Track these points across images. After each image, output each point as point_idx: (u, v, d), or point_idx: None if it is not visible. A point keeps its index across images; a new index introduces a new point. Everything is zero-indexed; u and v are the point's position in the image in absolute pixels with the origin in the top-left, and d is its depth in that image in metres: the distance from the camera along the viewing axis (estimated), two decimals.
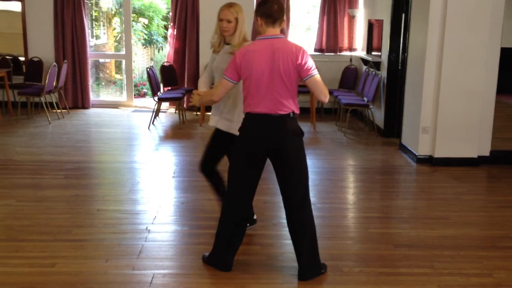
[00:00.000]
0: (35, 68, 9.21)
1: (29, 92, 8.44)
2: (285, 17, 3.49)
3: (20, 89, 8.63)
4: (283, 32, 9.31)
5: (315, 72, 3.36)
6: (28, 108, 8.74)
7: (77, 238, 4.04)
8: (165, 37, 13.13)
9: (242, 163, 3.49)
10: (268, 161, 3.55)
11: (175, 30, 9.42)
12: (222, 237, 3.63)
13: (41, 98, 8.41)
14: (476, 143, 6.34)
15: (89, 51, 9.55)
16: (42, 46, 9.33)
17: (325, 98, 3.40)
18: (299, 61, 3.32)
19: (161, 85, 9.10)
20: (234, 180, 3.54)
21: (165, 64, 9.37)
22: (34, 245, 3.94)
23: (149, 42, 13.48)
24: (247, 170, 3.49)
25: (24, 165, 6.03)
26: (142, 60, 13.25)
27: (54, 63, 8.45)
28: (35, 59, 9.25)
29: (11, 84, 8.98)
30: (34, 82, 9.11)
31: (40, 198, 4.96)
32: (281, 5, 3.43)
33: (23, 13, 9.27)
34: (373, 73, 8.30)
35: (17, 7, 9.32)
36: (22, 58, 9.43)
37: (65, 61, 8.97)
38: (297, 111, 3.44)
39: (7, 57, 9.29)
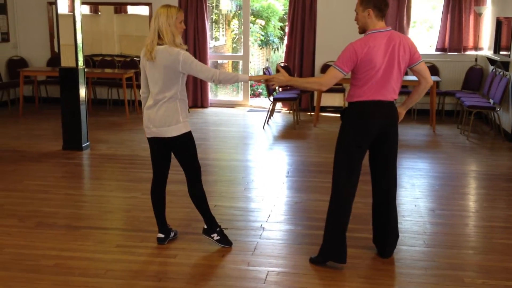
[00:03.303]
0: None
1: None
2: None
3: None
4: (403, 30, 9.03)
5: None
6: None
7: (196, 231, 4.21)
8: (281, 38, 13.29)
9: (355, 148, 3.62)
10: None
11: (292, 30, 9.50)
12: (338, 228, 3.63)
13: None
14: None
15: (209, 53, 9.92)
16: None
17: (431, 80, 3.70)
18: (412, 49, 3.57)
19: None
20: (346, 167, 3.63)
21: (281, 64, 9.48)
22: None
23: (265, 43, 13.72)
24: (360, 154, 3.64)
25: (149, 160, 6.36)
26: (258, 61, 13.51)
27: None
28: None
29: (138, 84, 9.56)
30: None
31: None
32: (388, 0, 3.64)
33: (150, 17, 9.83)
34: (501, 73, 7.78)
35: (144, 11, 9.93)
36: None
37: None
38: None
39: (135, 58, 9.93)
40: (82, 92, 6.70)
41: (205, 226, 4.03)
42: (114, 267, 3.66)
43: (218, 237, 3.98)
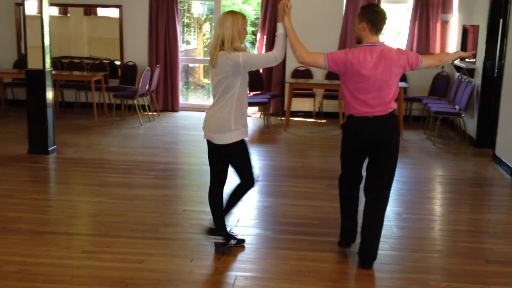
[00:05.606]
0: (129, 72, 9.67)
1: (123, 95, 8.86)
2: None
3: (115, 92, 9.09)
4: None
5: (419, 55, 3.77)
6: (122, 110, 9.17)
7: (165, 236, 4.18)
8: (253, 43, 13.33)
9: (348, 155, 3.88)
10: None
11: (263, 35, 9.53)
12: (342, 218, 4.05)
13: (134, 101, 8.81)
14: None
15: (180, 56, 9.88)
16: (137, 51, 9.77)
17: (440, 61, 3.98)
18: (406, 60, 3.64)
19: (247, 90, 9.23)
20: (343, 169, 3.98)
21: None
22: (124, 242, 4.12)
23: None
24: (354, 161, 3.90)
25: (117, 164, 6.33)
26: None
27: (148, 68, 8.82)
28: (130, 63, 9.71)
29: (107, 87, 9.48)
30: (128, 85, 9.56)
31: (131, 197, 5.18)
32: (386, 16, 3.69)
33: (120, 19, 9.76)
34: (466, 80, 7.96)
35: (115, 13, 9.83)
36: (118, 62, 9.93)
37: (158, 65, 9.34)
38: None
39: (104, 61, 9.83)
40: (49, 95, 6.59)
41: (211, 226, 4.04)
42: (79, 273, 3.60)
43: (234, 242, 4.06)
